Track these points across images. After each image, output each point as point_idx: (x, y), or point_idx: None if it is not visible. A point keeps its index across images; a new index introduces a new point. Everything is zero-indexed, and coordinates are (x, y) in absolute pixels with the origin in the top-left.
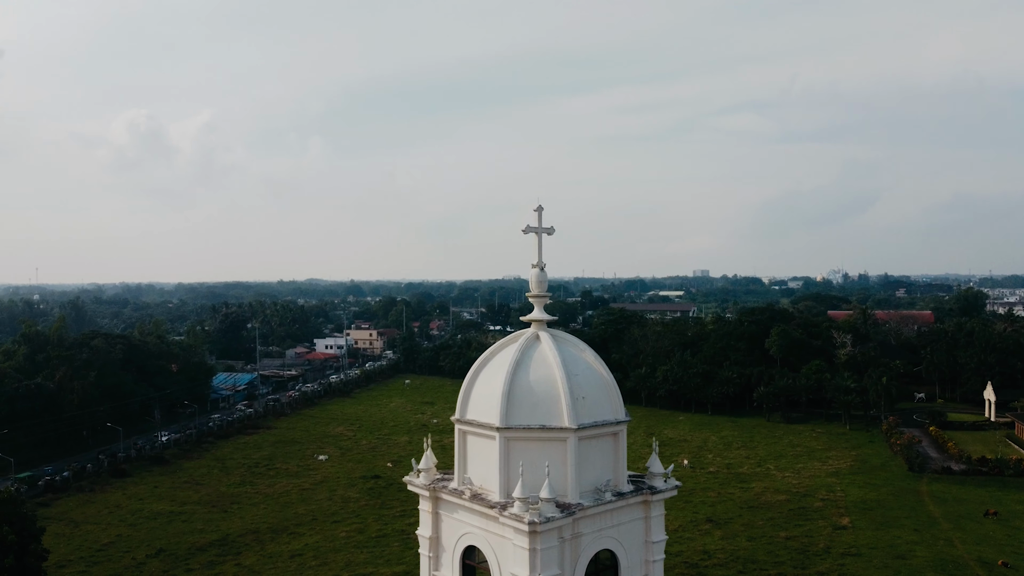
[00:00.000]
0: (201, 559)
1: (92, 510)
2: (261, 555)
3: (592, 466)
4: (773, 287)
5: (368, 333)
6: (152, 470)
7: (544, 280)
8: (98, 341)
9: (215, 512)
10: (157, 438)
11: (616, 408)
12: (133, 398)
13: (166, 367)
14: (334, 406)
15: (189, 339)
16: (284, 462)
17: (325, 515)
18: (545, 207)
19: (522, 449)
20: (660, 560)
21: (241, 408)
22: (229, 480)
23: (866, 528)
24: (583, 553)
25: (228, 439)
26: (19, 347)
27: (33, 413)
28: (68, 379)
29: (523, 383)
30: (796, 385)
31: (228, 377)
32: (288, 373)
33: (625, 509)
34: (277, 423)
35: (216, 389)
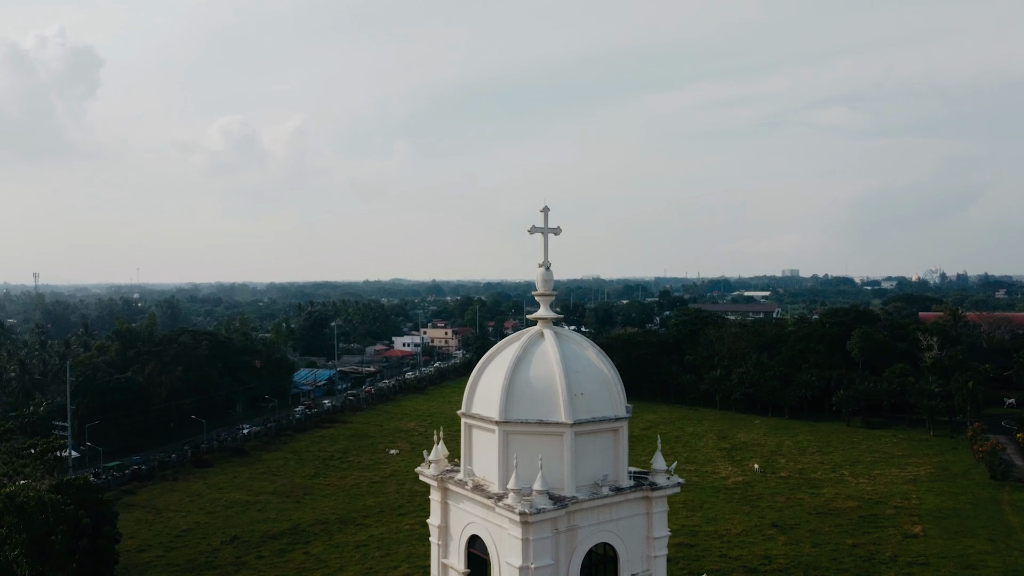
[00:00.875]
0: (272, 547)
1: (174, 498)
2: (328, 544)
3: (590, 461)
4: (865, 287)
5: (443, 332)
6: (232, 461)
7: (550, 279)
8: (185, 337)
9: (288, 502)
10: (239, 430)
11: (616, 405)
12: (218, 392)
13: (250, 363)
14: (408, 402)
15: (273, 336)
16: (357, 455)
17: (392, 507)
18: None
19: (520, 443)
20: (663, 556)
21: (303, 408)
22: (304, 472)
23: (938, 537)
24: (580, 545)
25: (305, 432)
26: (112, 343)
27: (123, 405)
28: (157, 373)
29: (523, 379)
30: (878, 389)
31: (309, 373)
32: (366, 369)
33: (625, 504)
34: (353, 418)
35: (297, 384)
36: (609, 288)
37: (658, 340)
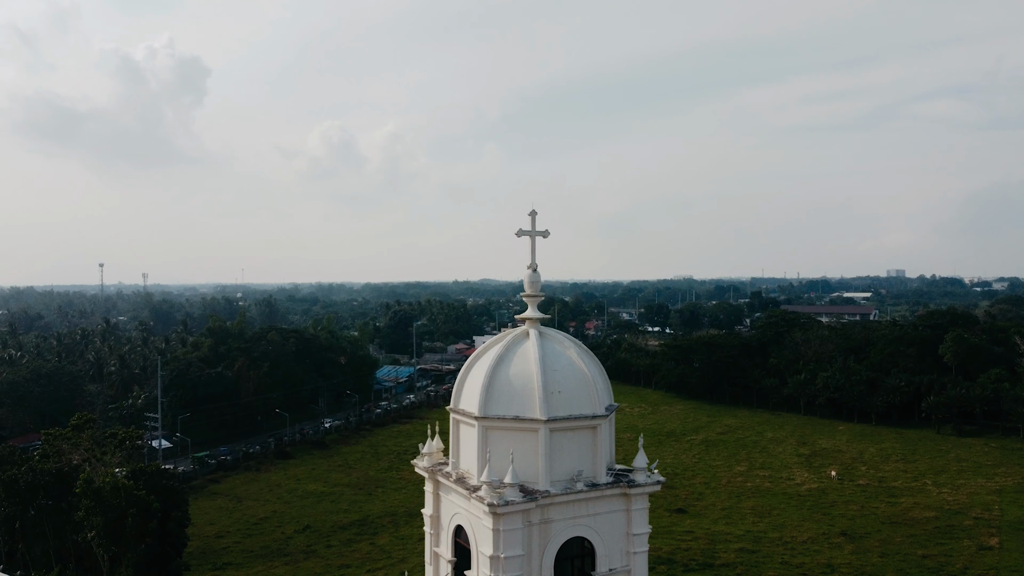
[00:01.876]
0: (341, 536)
1: (255, 487)
2: (394, 536)
3: (566, 457)
4: (974, 288)
5: None
6: (312, 453)
7: (537, 281)
8: (273, 335)
9: (361, 494)
10: (321, 424)
11: (595, 403)
12: (303, 387)
13: (335, 359)
14: None
15: (357, 334)
16: None
17: None
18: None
19: (498, 437)
20: (643, 552)
21: (385, 403)
22: (378, 465)
23: (1016, 550)
24: (554, 538)
25: (384, 427)
26: (206, 340)
27: (213, 399)
28: (245, 369)
29: (503, 376)
30: (970, 395)
31: (391, 370)
32: (446, 368)
33: (602, 500)
34: (430, 414)
35: (379, 381)
36: (700, 289)
37: (741, 343)
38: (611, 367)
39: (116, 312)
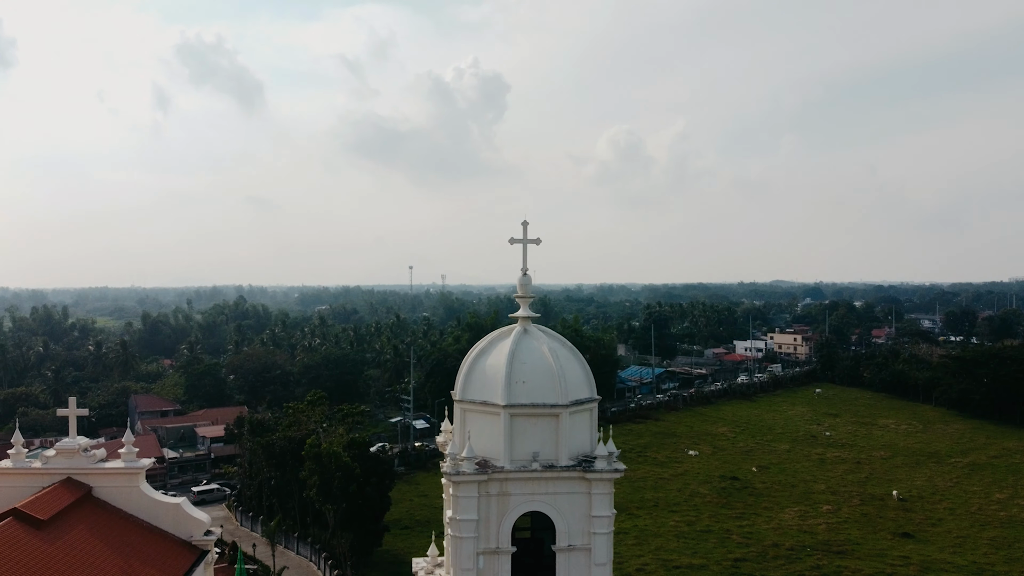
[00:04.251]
0: None
1: None
2: None
3: (527, 440)
4: None
5: (792, 337)
6: None
7: (527, 284)
8: None
9: None
10: None
11: (559, 395)
12: None
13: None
14: (729, 407)
15: (600, 333)
16: (656, 451)
17: (666, 503)
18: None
19: (472, 419)
20: (604, 534)
21: (629, 402)
22: None
23: None
24: (512, 509)
25: (617, 425)
26: (464, 333)
27: None
28: None
29: (480, 366)
30: None
31: (638, 370)
32: (697, 371)
33: (560, 481)
34: (666, 416)
35: (623, 380)
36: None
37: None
38: (885, 380)
39: (420, 309)
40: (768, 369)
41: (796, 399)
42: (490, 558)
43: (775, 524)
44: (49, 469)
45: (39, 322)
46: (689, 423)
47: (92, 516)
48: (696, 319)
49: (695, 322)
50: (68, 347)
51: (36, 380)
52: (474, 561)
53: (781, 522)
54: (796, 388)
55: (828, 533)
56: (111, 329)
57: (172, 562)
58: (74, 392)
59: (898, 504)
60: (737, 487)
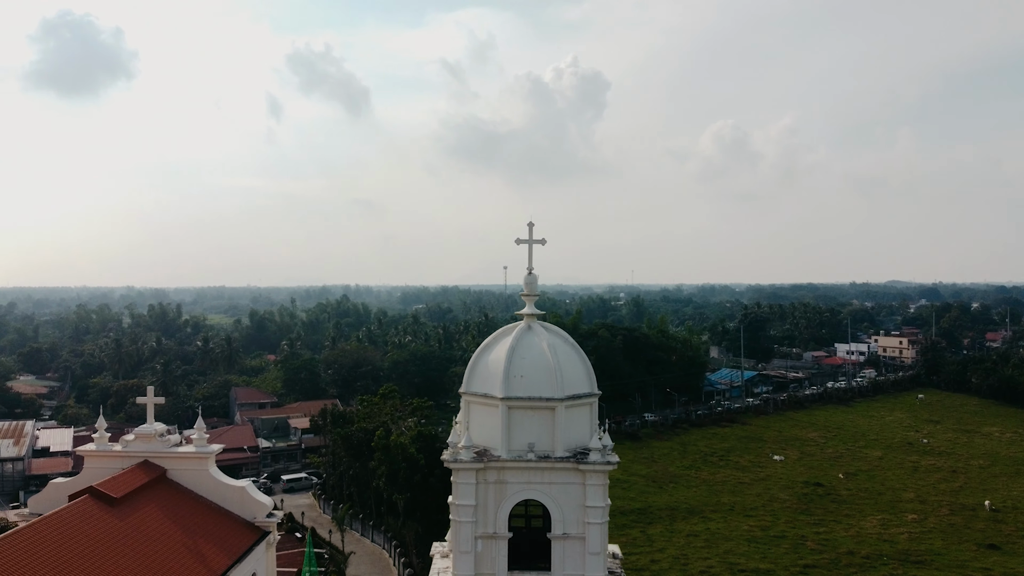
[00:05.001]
0: (618, 521)
1: None
2: (665, 528)
3: (524, 431)
4: None
5: (897, 341)
6: (624, 444)
7: (532, 282)
8: (602, 331)
9: (652, 487)
10: (641, 418)
11: (555, 389)
12: (628, 382)
13: (665, 358)
14: (822, 412)
15: (686, 334)
16: (739, 455)
17: (743, 508)
18: None
19: (475, 410)
20: (598, 524)
21: (717, 405)
22: (681, 463)
23: None
24: (509, 496)
25: (701, 428)
26: None
27: None
28: None
29: (483, 361)
30: None
31: (729, 372)
32: (792, 375)
33: (554, 471)
34: (754, 420)
35: (713, 383)
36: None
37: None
38: (993, 385)
39: (513, 309)
40: (860, 374)
41: (896, 405)
42: (488, 542)
43: (854, 532)
44: (128, 452)
45: (155, 319)
46: (778, 428)
47: (163, 495)
48: (796, 321)
49: (795, 324)
50: (179, 342)
51: (148, 373)
52: (472, 544)
53: (861, 530)
54: (897, 393)
55: (909, 542)
56: (221, 326)
57: (234, 541)
58: (181, 385)
59: (989, 515)
60: (820, 493)
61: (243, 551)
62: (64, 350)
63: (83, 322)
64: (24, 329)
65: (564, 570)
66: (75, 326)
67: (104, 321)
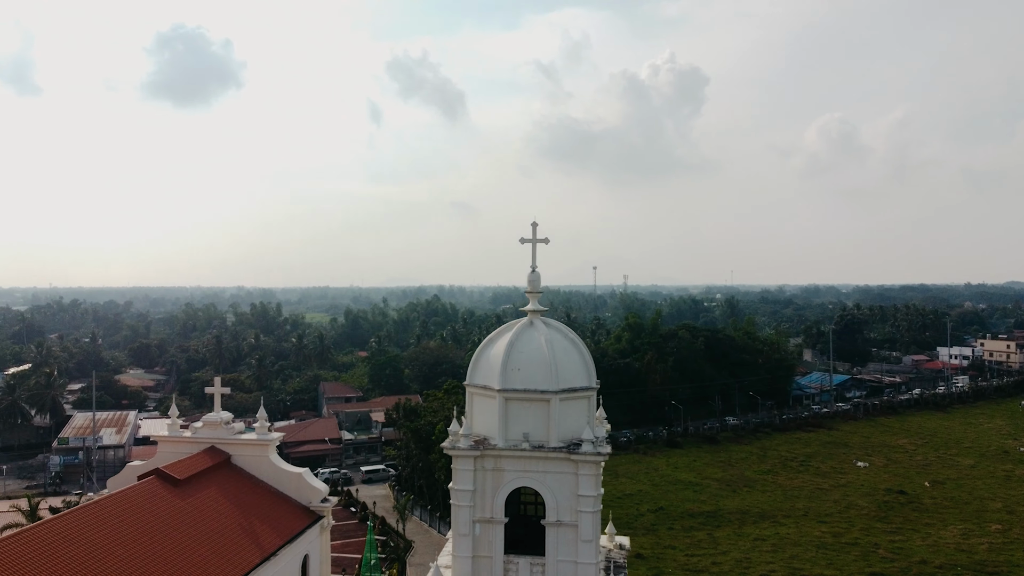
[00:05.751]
0: (686, 523)
1: (634, 468)
2: (733, 532)
3: (520, 421)
4: None
5: (1004, 344)
6: (702, 447)
7: (535, 280)
8: (683, 332)
9: (726, 490)
10: (722, 421)
11: (550, 382)
12: (710, 383)
13: (751, 360)
14: (916, 418)
15: (774, 336)
16: (821, 461)
17: (817, 514)
18: None
19: (477, 401)
20: (591, 513)
21: (811, 408)
22: (759, 467)
23: None
24: (506, 484)
25: (783, 432)
26: (625, 333)
27: (622, 386)
28: (653, 362)
29: (486, 354)
30: None
31: (820, 376)
32: (888, 379)
33: (548, 460)
34: (842, 426)
35: (802, 386)
36: None
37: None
38: None
39: (603, 309)
40: (956, 379)
41: (997, 412)
42: (485, 526)
43: (931, 541)
44: (197, 438)
45: (256, 317)
46: (866, 433)
47: (225, 479)
48: (898, 323)
49: (896, 326)
50: (277, 339)
51: (245, 368)
52: (470, 528)
53: (939, 539)
54: (1000, 400)
55: (988, 554)
56: (318, 324)
57: (287, 523)
58: (276, 379)
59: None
60: (901, 501)
61: (295, 533)
62: (172, 346)
63: (191, 320)
64: (137, 326)
65: (558, 556)
66: (183, 323)
67: (210, 319)
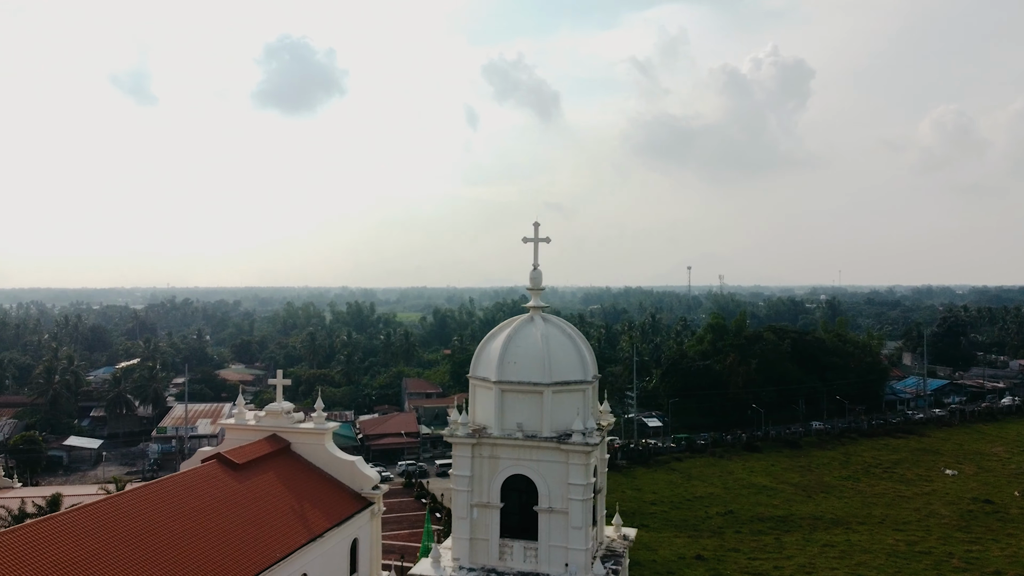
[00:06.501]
0: (754, 527)
1: (708, 471)
2: (802, 538)
3: (515, 412)
4: None
5: None
6: (782, 451)
7: (537, 278)
8: (768, 334)
9: (801, 495)
10: (806, 425)
11: (544, 375)
12: (798, 387)
13: (841, 363)
14: (1016, 425)
15: (865, 339)
16: (908, 468)
17: (894, 521)
18: None
19: (477, 393)
20: (581, 501)
21: (904, 413)
22: (840, 473)
23: None
24: (501, 471)
25: (872, 438)
26: (707, 334)
27: (702, 388)
28: (735, 364)
29: (487, 348)
30: None
31: (917, 380)
32: (991, 384)
33: (541, 450)
34: (934, 432)
35: (896, 391)
36: None
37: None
38: None
39: (698, 310)
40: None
41: None
42: (482, 510)
43: (1011, 552)
44: (260, 427)
45: (351, 315)
46: (959, 440)
47: (283, 464)
48: (1007, 326)
49: (1006, 329)
50: (369, 337)
51: (336, 363)
52: (468, 511)
53: (1019, 550)
54: None
55: None
56: (409, 322)
57: (337, 508)
58: (365, 375)
59: None
60: (986, 511)
61: (343, 517)
62: (272, 343)
63: (291, 318)
64: (242, 324)
65: (549, 541)
66: (284, 321)
67: (309, 317)
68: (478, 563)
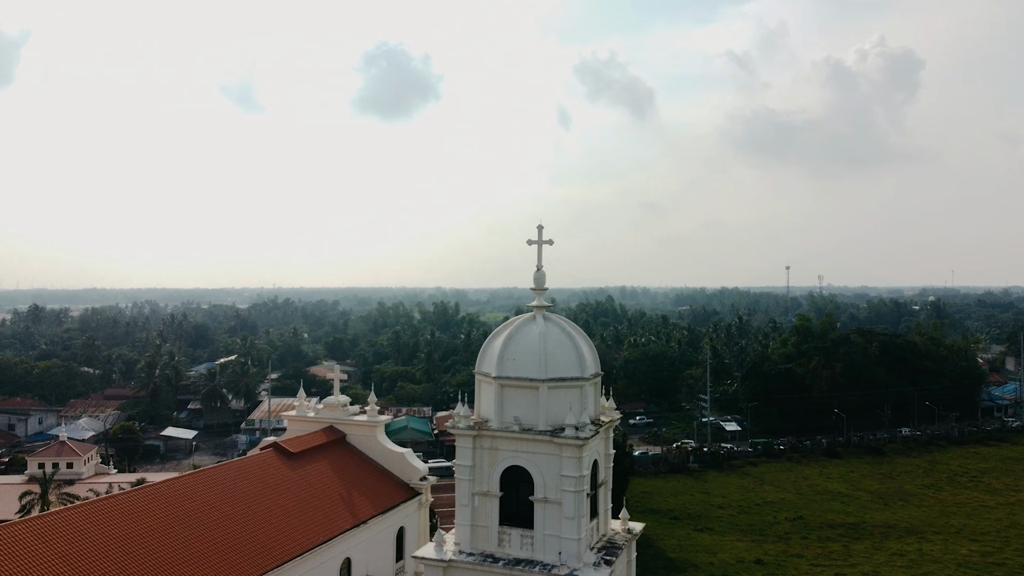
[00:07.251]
0: (822, 533)
1: (783, 476)
2: (872, 546)
3: (513, 406)
4: None
5: None
6: (863, 458)
7: (540, 278)
8: (855, 336)
9: (877, 503)
10: (894, 432)
11: (541, 371)
12: (886, 392)
13: (934, 368)
14: None
15: (960, 342)
16: (997, 477)
17: (972, 532)
18: None
19: (481, 388)
20: (574, 493)
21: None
22: (923, 481)
23: None
24: (500, 461)
25: (961, 446)
26: (791, 337)
27: (783, 392)
28: (819, 367)
29: (491, 345)
30: None
31: (1016, 387)
32: None
33: (536, 443)
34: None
35: (994, 397)
36: None
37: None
38: None
39: (794, 312)
40: None
41: None
42: (483, 499)
43: None
44: (318, 419)
45: (437, 315)
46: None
47: (337, 455)
48: None
49: None
50: (451, 336)
51: (419, 361)
52: (470, 499)
53: None
54: None
55: None
56: (493, 322)
57: (385, 497)
58: (445, 373)
59: None
60: None
61: (389, 506)
62: (363, 341)
63: (382, 317)
64: (337, 322)
65: (544, 530)
66: (375, 321)
67: (398, 317)
68: (478, 548)
